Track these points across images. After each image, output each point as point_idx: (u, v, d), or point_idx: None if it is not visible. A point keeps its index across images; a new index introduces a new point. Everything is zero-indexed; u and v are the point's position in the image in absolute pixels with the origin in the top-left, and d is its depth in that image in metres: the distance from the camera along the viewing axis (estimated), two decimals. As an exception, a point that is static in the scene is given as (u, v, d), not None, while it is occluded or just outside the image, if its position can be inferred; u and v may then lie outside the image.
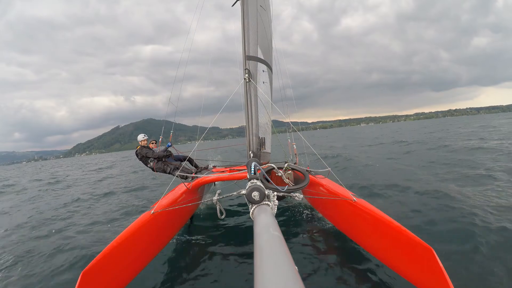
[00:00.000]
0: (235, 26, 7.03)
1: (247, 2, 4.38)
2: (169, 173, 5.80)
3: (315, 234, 4.62)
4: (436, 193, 5.42)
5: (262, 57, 4.49)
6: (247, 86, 4.12)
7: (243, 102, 4.32)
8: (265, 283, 0.77)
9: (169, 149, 6.03)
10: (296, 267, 0.85)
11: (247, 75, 4.05)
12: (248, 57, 4.24)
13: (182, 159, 6.17)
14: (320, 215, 5.12)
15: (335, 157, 13.30)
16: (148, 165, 5.87)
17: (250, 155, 4.09)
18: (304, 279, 3.31)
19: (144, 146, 5.96)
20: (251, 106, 4.16)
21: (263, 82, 4.50)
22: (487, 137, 16.15)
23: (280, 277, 0.79)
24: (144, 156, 5.83)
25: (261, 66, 4.46)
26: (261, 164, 3.20)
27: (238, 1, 4.86)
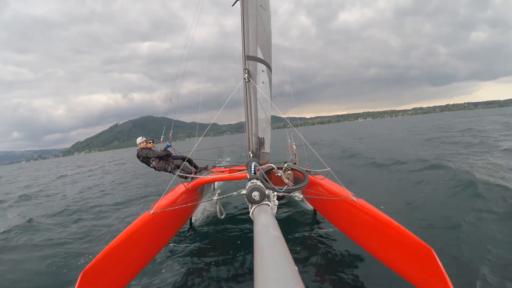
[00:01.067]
0: (233, 23, 6.99)
1: (247, 2, 4.37)
2: (170, 171, 5.82)
3: (315, 234, 4.62)
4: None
5: (261, 57, 4.48)
6: (247, 86, 4.12)
7: (243, 102, 4.32)
8: (265, 283, 0.77)
9: (168, 149, 6.05)
10: (296, 267, 0.85)
11: (246, 75, 4.05)
12: (247, 57, 4.23)
13: (181, 159, 6.18)
14: (319, 215, 5.13)
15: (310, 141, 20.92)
16: (151, 165, 5.91)
17: (249, 155, 4.09)
18: (304, 279, 3.32)
19: (143, 148, 6.00)
20: (250, 106, 4.16)
21: (263, 82, 4.50)
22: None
23: (280, 277, 0.79)
24: (145, 157, 5.86)
25: (261, 66, 4.46)
26: (260, 164, 3.20)
27: (238, 1, 4.85)
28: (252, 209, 1.83)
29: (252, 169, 2.67)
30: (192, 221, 5.52)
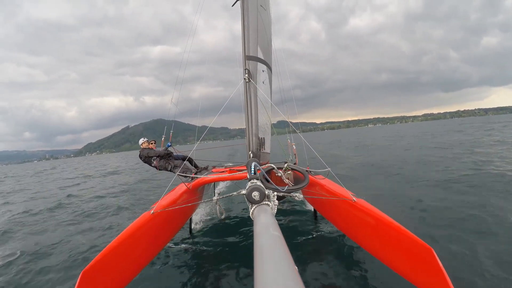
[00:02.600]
0: (238, 26, 7.03)
1: (247, 2, 4.37)
2: (170, 170, 5.84)
3: (315, 234, 4.62)
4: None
5: (262, 57, 4.48)
6: (247, 86, 4.11)
7: (243, 102, 4.32)
8: (265, 283, 0.77)
9: (169, 149, 6.07)
10: (296, 267, 0.85)
11: (247, 75, 4.05)
12: (248, 57, 4.23)
13: (182, 159, 6.20)
14: (320, 215, 5.12)
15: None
16: (152, 165, 5.94)
17: (250, 155, 4.09)
18: (304, 279, 3.32)
19: (145, 148, 6.05)
20: (251, 106, 4.16)
21: (263, 82, 4.49)
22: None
23: (280, 277, 0.79)
24: (146, 156, 5.89)
25: (261, 66, 4.45)
26: (260, 164, 3.20)
27: (238, 1, 4.85)
28: (252, 209, 1.82)
29: (252, 169, 2.67)
30: (192, 221, 5.52)
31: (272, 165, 3.27)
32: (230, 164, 6.10)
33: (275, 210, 1.90)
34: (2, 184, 22.63)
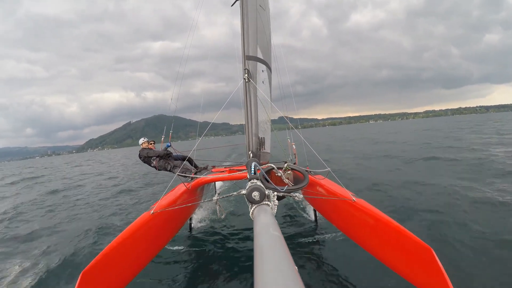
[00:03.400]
0: (238, 23, 7.03)
1: (247, 2, 4.37)
2: (169, 170, 5.83)
3: (314, 234, 4.63)
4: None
5: (261, 57, 4.48)
6: (247, 86, 4.11)
7: (243, 102, 4.32)
8: (265, 283, 0.77)
9: (169, 149, 6.06)
10: (296, 267, 0.85)
11: (246, 75, 4.05)
12: (247, 57, 4.23)
13: (181, 159, 6.19)
14: (320, 215, 5.13)
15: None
16: (152, 165, 5.93)
17: (249, 155, 4.09)
18: (304, 279, 3.32)
19: (144, 148, 6.04)
20: (250, 105, 4.16)
21: (262, 82, 4.49)
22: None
23: (280, 277, 0.79)
24: (146, 156, 5.88)
25: (261, 66, 4.45)
26: (260, 164, 3.19)
27: (237, 1, 4.85)
28: (252, 209, 1.83)
29: (252, 169, 2.67)
30: (192, 221, 5.52)
31: (272, 165, 3.27)
32: (230, 164, 6.09)
33: (275, 210, 1.90)
34: (82, 166, 30.09)
